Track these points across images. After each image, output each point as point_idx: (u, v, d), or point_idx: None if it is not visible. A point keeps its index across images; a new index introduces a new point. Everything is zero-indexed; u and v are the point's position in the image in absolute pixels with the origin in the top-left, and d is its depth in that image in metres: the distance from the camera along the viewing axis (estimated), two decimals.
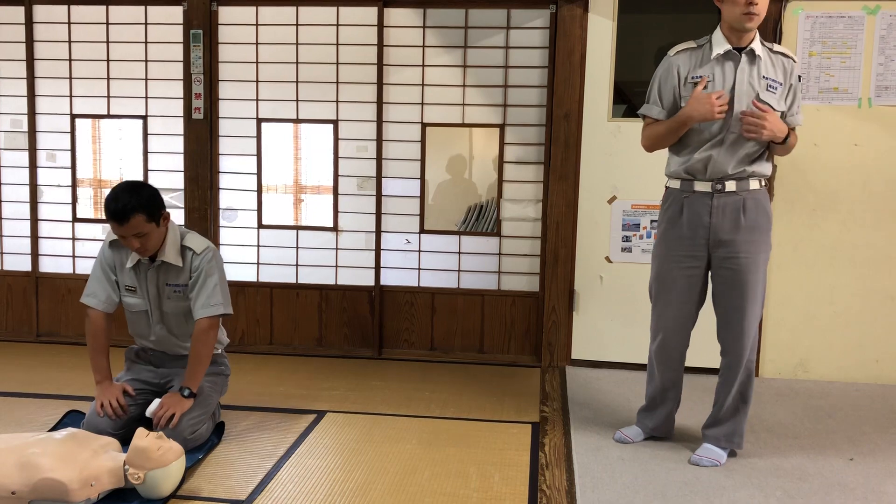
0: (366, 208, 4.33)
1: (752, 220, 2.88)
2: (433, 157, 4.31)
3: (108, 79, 4.39)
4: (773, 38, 3.86)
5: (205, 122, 4.30)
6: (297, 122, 4.34)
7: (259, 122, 4.34)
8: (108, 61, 4.39)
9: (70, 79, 4.41)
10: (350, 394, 3.72)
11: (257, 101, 4.32)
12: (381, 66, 4.22)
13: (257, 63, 4.30)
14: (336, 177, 4.32)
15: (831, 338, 4.04)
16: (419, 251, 4.34)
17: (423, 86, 4.23)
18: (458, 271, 4.32)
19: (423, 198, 4.30)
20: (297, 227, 4.40)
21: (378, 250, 4.33)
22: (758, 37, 2.87)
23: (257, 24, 4.28)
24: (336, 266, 4.39)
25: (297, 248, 4.40)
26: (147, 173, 4.41)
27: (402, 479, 2.80)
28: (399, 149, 4.28)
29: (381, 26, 4.19)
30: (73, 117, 4.44)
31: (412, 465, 2.91)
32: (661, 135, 2.96)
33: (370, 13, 4.20)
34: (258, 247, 4.42)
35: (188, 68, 4.27)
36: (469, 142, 4.37)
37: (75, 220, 4.49)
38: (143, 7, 4.32)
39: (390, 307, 4.37)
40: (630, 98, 4.13)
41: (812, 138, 3.89)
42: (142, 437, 2.56)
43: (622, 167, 4.07)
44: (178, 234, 3.08)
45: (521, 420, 3.41)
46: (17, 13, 4.39)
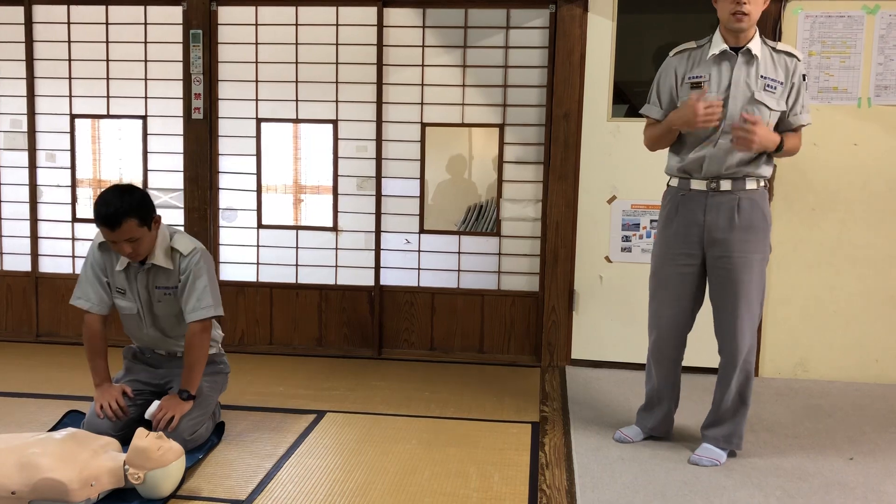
0: (365, 208, 4.33)
1: (746, 220, 2.87)
2: (433, 156, 4.31)
3: (107, 79, 4.39)
4: (772, 37, 3.86)
5: (204, 122, 4.30)
6: (297, 122, 4.34)
7: (259, 122, 4.34)
8: (107, 61, 4.39)
9: (70, 79, 4.41)
10: (350, 394, 3.72)
11: (257, 101, 4.32)
12: (380, 65, 4.22)
13: (257, 63, 4.30)
14: (336, 177, 4.32)
15: (831, 337, 4.04)
16: (419, 251, 4.34)
17: (422, 86, 4.23)
18: (458, 271, 4.32)
19: (422, 198, 4.30)
20: (297, 227, 4.40)
21: (378, 250, 4.33)
22: (758, 36, 2.87)
23: (257, 24, 4.28)
24: (336, 266, 4.39)
25: (297, 248, 4.40)
26: (147, 173, 4.41)
27: (402, 478, 2.80)
28: (399, 149, 4.28)
29: (380, 26, 4.19)
30: (73, 117, 4.44)
31: (412, 465, 2.91)
32: (658, 136, 3.01)
33: (370, 13, 4.20)
34: (258, 247, 4.42)
35: (188, 68, 4.27)
36: (469, 142, 4.37)
37: (75, 220, 4.49)
38: (142, 7, 4.32)
39: (390, 307, 4.37)
40: (630, 98, 4.13)
41: (812, 138, 3.89)
42: (142, 437, 2.56)
43: (622, 167, 4.07)
44: (168, 236, 3.02)
45: (520, 420, 3.41)
46: (17, 13, 4.39)
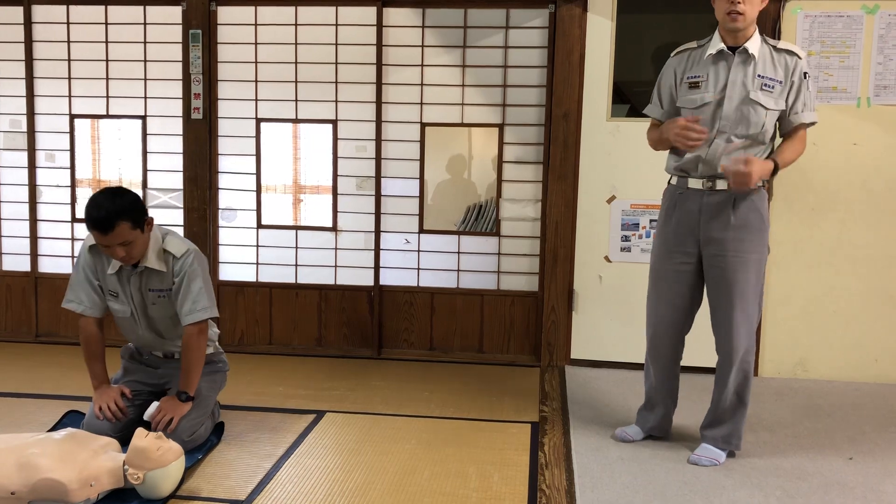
0: (365, 208, 4.32)
1: (742, 220, 2.87)
2: (432, 156, 4.31)
3: (107, 79, 4.39)
4: (771, 37, 3.85)
5: (204, 122, 4.30)
6: (297, 122, 4.34)
7: (258, 122, 4.34)
8: (107, 61, 4.38)
9: (69, 79, 4.41)
10: (349, 394, 3.72)
11: (256, 101, 4.32)
12: (380, 65, 4.22)
13: (256, 63, 4.30)
14: (335, 177, 4.32)
15: (831, 337, 4.04)
16: (418, 251, 4.34)
17: (422, 85, 4.23)
18: (458, 271, 4.32)
19: (422, 198, 4.30)
20: (297, 227, 4.40)
21: (377, 250, 4.33)
22: (757, 35, 2.87)
23: (256, 24, 4.28)
24: (335, 266, 4.38)
25: (297, 248, 4.40)
26: (146, 173, 4.41)
27: (402, 478, 2.80)
28: (398, 148, 4.28)
29: (380, 26, 4.19)
30: (72, 117, 4.43)
31: (412, 465, 2.91)
32: (656, 139, 3.05)
33: (369, 13, 4.20)
34: (257, 247, 4.42)
35: (187, 68, 4.27)
36: (468, 141, 4.37)
37: (74, 220, 4.49)
38: (141, 7, 4.32)
39: (390, 307, 4.37)
40: (629, 98, 4.13)
41: (811, 138, 3.86)
42: (141, 437, 2.56)
43: (621, 167, 4.07)
44: (160, 238, 2.96)
45: (520, 420, 3.41)
46: (16, 13, 4.38)
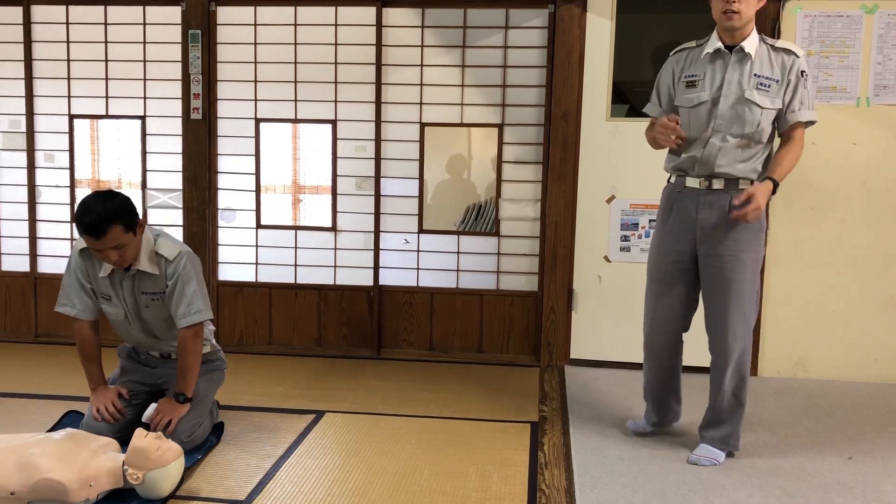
0: (364, 208, 4.32)
1: (738, 220, 2.88)
2: (432, 156, 4.31)
3: (106, 79, 4.39)
4: (770, 37, 3.85)
5: (203, 122, 4.30)
6: (296, 122, 4.34)
7: (258, 122, 4.34)
8: (106, 62, 4.38)
9: (68, 79, 4.40)
10: (349, 394, 3.72)
11: (256, 101, 4.32)
12: (379, 65, 4.22)
13: (256, 63, 4.30)
14: (335, 177, 4.32)
15: (830, 337, 4.04)
16: (418, 251, 4.34)
17: (421, 85, 4.23)
18: (457, 271, 4.32)
19: (421, 198, 4.30)
20: (296, 228, 4.40)
21: (377, 250, 4.33)
22: (755, 34, 2.88)
23: (256, 24, 4.28)
24: (335, 266, 4.38)
25: (296, 248, 4.40)
26: (145, 174, 4.41)
27: (402, 479, 2.80)
28: (398, 149, 4.28)
29: (379, 26, 4.19)
30: (72, 118, 4.43)
31: (411, 465, 2.91)
32: (651, 138, 3.05)
33: (368, 13, 4.20)
34: (257, 247, 4.42)
35: (187, 68, 4.27)
36: (468, 141, 4.36)
37: (73, 220, 4.47)
38: (141, 7, 4.32)
39: (389, 307, 4.36)
40: (629, 98, 4.13)
41: (811, 137, 3.88)
42: (141, 437, 2.56)
43: (620, 167, 4.07)
44: (152, 240, 2.93)
45: (520, 420, 3.41)
46: (15, 13, 4.38)
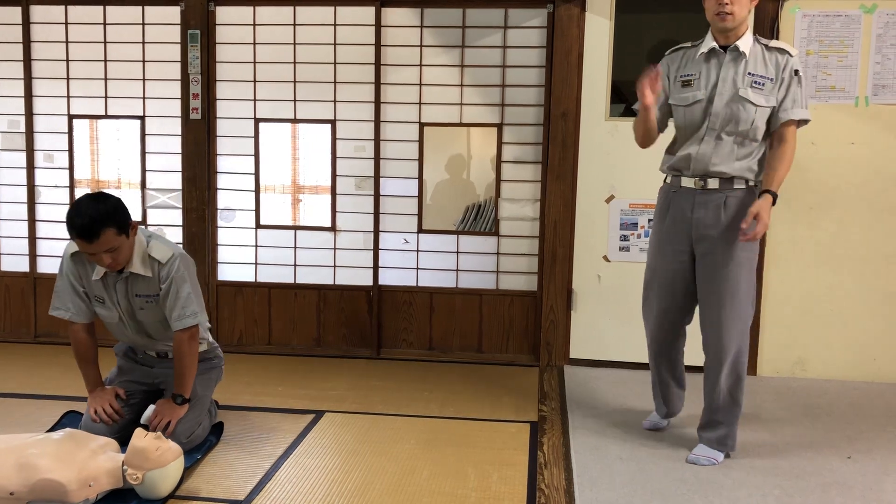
0: (364, 208, 4.32)
1: (733, 218, 2.89)
2: (431, 156, 4.31)
3: (105, 79, 4.39)
4: (769, 36, 3.86)
5: (202, 122, 4.30)
6: (295, 122, 4.34)
7: (257, 122, 4.34)
8: (105, 62, 4.38)
9: (67, 79, 4.40)
10: (348, 394, 3.72)
11: (255, 101, 4.32)
12: (378, 65, 4.22)
13: (255, 63, 4.30)
14: (334, 177, 4.32)
15: (829, 336, 4.04)
16: (417, 251, 4.34)
17: (420, 85, 4.23)
18: (457, 271, 4.32)
19: (421, 197, 4.30)
20: (295, 228, 4.40)
21: (376, 250, 4.33)
22: (749, 34, 2.90)
23: (255, 24, 4.28)
24: (334, 266, 4.38)
25: (295, 248, 4.40)
26: (145, 174, 4.41)
27: (401, 478, 2.80)
28: (397, 148, 4.28)
29: (378, 26, 4.19)
30: (71, 118, 4.43)
31: (411, 465, 2.91)
32: (637, 123, 3.03)
33: (368, 13, 4.20)
34: (256, 247, 4.42)
35: (186, 68, 4.27)
36: (467, 141, 4.37)
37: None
38: (140, 7, 4.31)
39: (389, 307, 4.37)
40: (628, 97, 4.13)
41: (809, 137, 3.89)
42: (140, 437, 2.56)
43: (620, 166, 4.07)
44: (144, 243, 2.90)
45: (519, 419, 3.41)
46: (14, 13, 4.38)
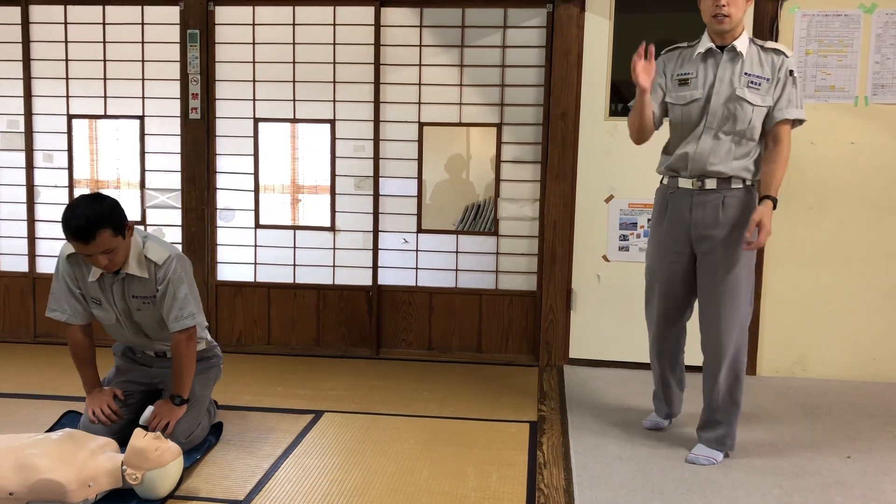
0: (363, 208, 4.32)
1: (732, 217, 2.90)
2: (430, 156, 4.31)
3: (104, 79, 4.39)
4: (769, 36, 3.87)
5: (202, 122, 4.30)
6: (294, 121, 4.34)
7: (256, 121, 4.34)
8: (104, 61, 4.38)
9: (67, 79, 4.40)
10: (348, 394, 3.72)
11: (254, 100, 4.32)
12: (377, 65, 4.22)
13: (254, 63, 4.30)
14: (333, 176, 4.32)
15: (829, 336, 4.04)
16: (417, 251, 4.34)
17: (420, 85, 4.23)
18: (456, 271, 4.32)
19: (420, 197, 4.30)
20: (295, 227, 4.40)
21: (375, 250, 4.33)
22: (745, 35, 2.91)
23: (254, 24, 4.28)
24: (333, 266, 4.38)
25: (295, 248, 4.40)
26: (144, 174, 4.41)
27: (401, 478, 2.80)
28: (396, 148, 4.28)
29: (377, 26, 4.19)
30: (70, 118, 4.43)
31: (410, 465, 2.91)
32: (633, 112, 2.98)
33: (367, 13, 4.20)
34: (255, 247, 4.41)
35: (185, 68, 4.27)
36: (466, 141, 4.36)
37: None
38: (139, 7, 4.31)
39: (388, 307, 4.36)
40: (627, 97, 4.13)
41: (809, 136, 3.89)
42: (139, 437, 2.55)
43: (619, 166, 4.07)
44: (140, 244, 2.88)
45: (519, 419, 3.41)
46: (14, 13, 4.38)
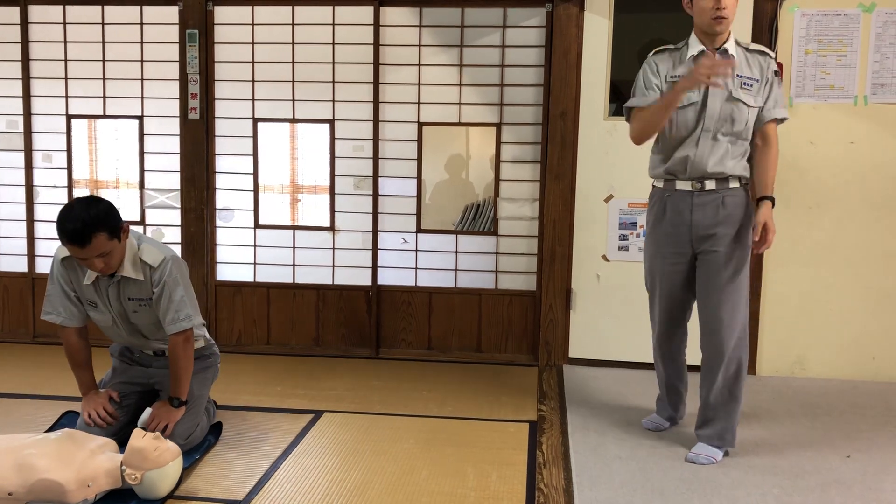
0: (362, 208, 4.32)
1: (731, 216, 2.91)
2: (430, 156, 4.31)
3: (103, 79, 4.39)
4: (768, 36, 3.87)
5: (201, 122, 4.29)
6: (294, 121, 4.34)
7: (255, 121, 4.33)
8: (103, 61, 4.38)
9: (66, 79, 4.40)
10: (347, 393, 3.72)
11: (253, 100, 4.32)
12: (377, 65, 4.21)
13: (253, 63, 4.30)
14: (332, 176, 4.32)
15: (828, 335, 4.04)
16: (416, 250, 4.33)
17: (419, 85, 4.23)
18: (455, 270, 4.32)
19: (419, 197, 4.30)
20: (294, 227, 4.40)
21: (375, 250, 4.33)
22: (732, 37, 2.93)
23: (253, 24, 4.27)
24: (333, 266, 4.38)
25: (294, 247, 4.40)
26: (143, 174, 4.40)
27: (400, 478, 2.80)
28: (396, 148, 4.28)
29: (377, 25, 4.19)
30: (69, 118, 4.43)
31: (410, 465, 2.91)
32: (653, 112, 2.91)
33: (366, 12, 4.20)
34: (255, 247, 4.41)
35: (184, 68, 4.27)
36: (466, 141, 4.36)
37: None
38: (138, 7, 4.31)
39: (387, 307, 4.36)
40: (626, 97, 4.12)
41: (808, 136, 3.90)
42: (139, 437, 2.55)
43: (618, 166, 4.07)
44: (135, 246, 2.86)
45: (518, 419, 3.41)
46: (13, 13, 4.38)
